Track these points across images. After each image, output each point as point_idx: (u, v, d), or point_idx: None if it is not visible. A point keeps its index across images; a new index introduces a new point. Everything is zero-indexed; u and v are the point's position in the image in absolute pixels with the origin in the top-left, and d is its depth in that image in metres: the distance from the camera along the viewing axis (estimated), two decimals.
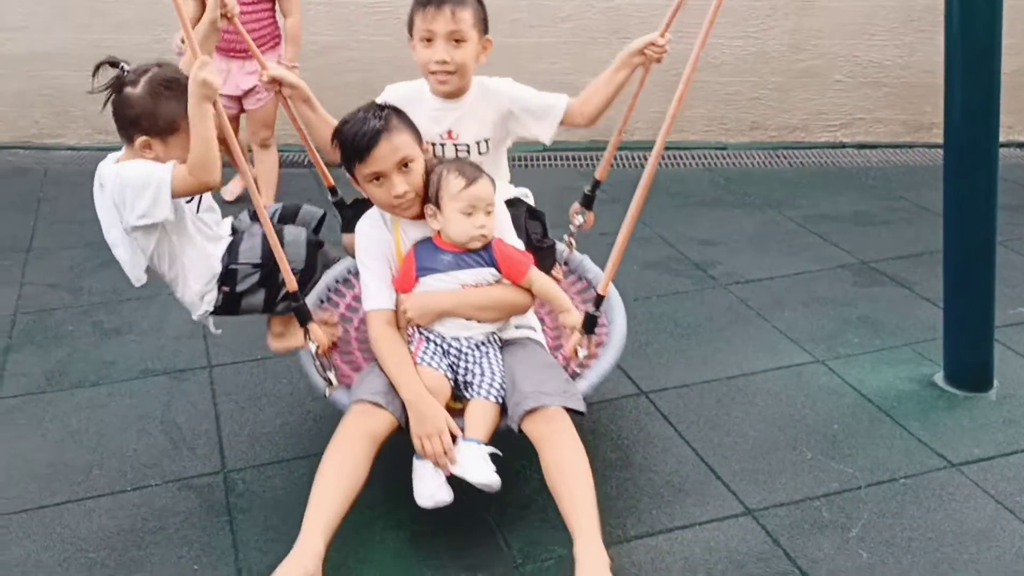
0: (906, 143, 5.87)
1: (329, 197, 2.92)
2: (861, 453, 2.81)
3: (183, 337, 3.54)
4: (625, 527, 2.49)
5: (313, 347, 2.48)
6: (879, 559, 2.38)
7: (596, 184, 3.02)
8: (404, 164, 2.43)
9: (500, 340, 2.56)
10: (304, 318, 2.47)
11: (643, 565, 2.37)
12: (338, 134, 2.48)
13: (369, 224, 2.58)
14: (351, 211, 2.78)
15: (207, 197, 2.61)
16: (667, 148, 2.48)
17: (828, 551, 2.41)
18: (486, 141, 2.72)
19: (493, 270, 2.50)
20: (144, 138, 2.41)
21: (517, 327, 2.62)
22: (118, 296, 3.86)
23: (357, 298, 2.96)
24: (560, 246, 3.06)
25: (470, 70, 2.65)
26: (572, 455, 2.30)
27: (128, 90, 2.41)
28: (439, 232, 2.50)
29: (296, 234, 2.59)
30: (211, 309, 2.63)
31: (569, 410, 2.36)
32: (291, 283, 2.44)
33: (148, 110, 2.39)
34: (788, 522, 2.52)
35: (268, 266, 2.54)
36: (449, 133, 2.69)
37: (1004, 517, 2.53)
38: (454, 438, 2.35)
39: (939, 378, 3.18)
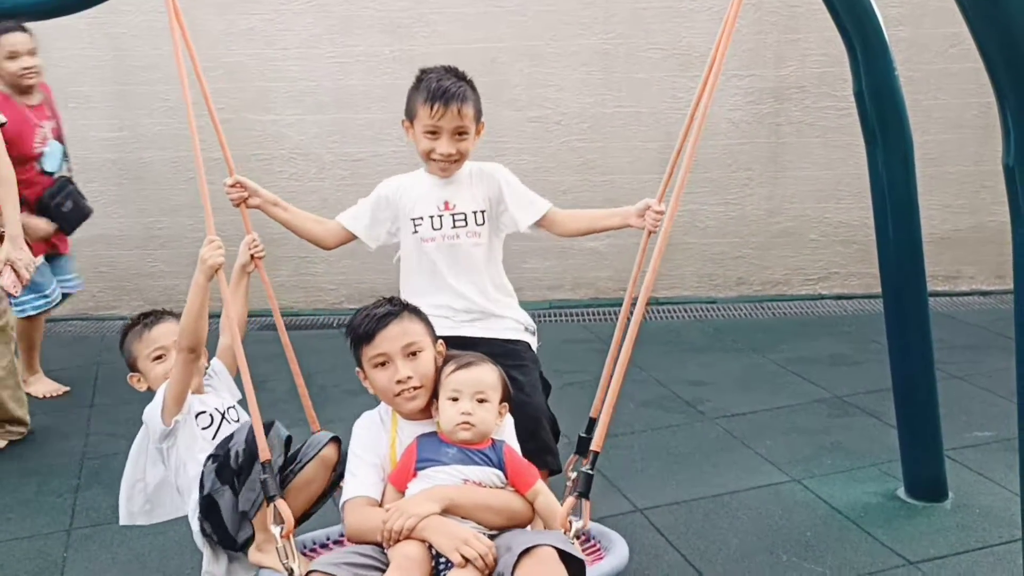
0: (879, 294, 6.40)
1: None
2: (830, 555, 3.19)
3: None
4: None
5: (277, 530, 2.19)
6: None
7: (592, 424, 2.72)
8: (411, 353, 2.37)
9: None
10: (268, 491, 2.22)
11: None
12: (350, 323, 2.47)
13: (364, 424, 2.46)
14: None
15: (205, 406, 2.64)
16: (661, 303, 2.37)
17: None
18: (482, 213, 2.88)
19: (500, 473, 2.31)
20: (130, 374, 2.78)
21: None
22: None
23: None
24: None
25: (470, 155, 2.88)
26: None
27: None
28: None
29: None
30: (198, 528, 2.49)
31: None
32: (263, 448, 2.23)
33: (123, 350, 2.80)
34: None
35: (221, 455, 2.39)
36: (446, 204, 2.87)
37: None
38: None
39: (900, 492, 3.59)
